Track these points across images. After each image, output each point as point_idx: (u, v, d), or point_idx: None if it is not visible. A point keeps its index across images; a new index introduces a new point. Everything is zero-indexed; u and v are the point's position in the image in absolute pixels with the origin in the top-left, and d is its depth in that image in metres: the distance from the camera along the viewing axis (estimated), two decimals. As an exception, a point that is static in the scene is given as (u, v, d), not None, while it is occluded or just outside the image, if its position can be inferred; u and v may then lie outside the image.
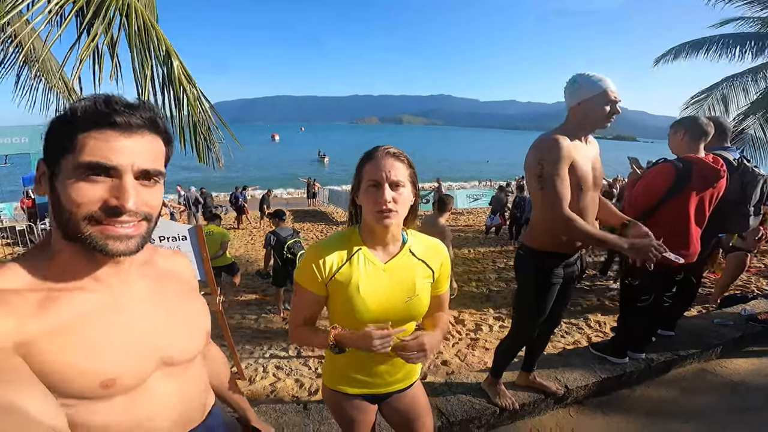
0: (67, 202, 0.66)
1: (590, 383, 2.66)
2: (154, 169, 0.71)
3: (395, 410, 1.46)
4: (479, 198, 18.32)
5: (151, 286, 0.86)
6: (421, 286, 1.29)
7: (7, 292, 0.66)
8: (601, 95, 1.84)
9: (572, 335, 4.46)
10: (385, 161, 1.17)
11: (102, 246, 0.68)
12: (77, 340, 0.69)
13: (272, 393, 3.56)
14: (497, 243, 10.82)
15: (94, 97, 0.68)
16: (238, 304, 6.41)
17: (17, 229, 11.12)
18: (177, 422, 0.86)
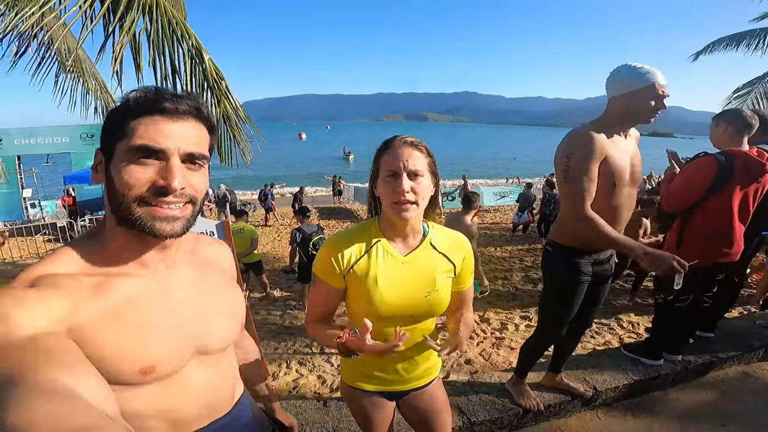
0: (119, 185, 0.70)
1: (621, 385, 2.54)
2: (199, 152, 0.74)
3: (413, 408, 1.42)
4: (506, 195, 17.99)
5: (194, 273, 0.88)
6: (442, 280, 1.24)
7: (63, 277, 0.69)
8: (648, 88, 1.74)
9: (603, 336, 4.30)
10: (403, 150, 1.13)
11: (150, 227, 0.71)
12: (125, 325, 0.72)
13: (294, 389, 3.58)
14: (525, 241, 10.59)
15: (145, 88, 0.73)
16: (264, 301, 6.51)
17: (58, 225, 11.67)
18: (206, 411, 0.87)
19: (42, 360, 0.53)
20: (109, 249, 0.76)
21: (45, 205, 15.59)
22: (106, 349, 0.68)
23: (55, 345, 0.58)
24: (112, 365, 0.68)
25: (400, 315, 1.23)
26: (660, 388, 2.69)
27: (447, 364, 3.82)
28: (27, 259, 9.84)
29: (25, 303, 0.61)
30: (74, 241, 0.77)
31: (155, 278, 0.79)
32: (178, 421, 0.82)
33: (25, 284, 0.66)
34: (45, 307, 0.63)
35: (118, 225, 0.74)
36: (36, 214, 14.78)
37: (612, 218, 1.92)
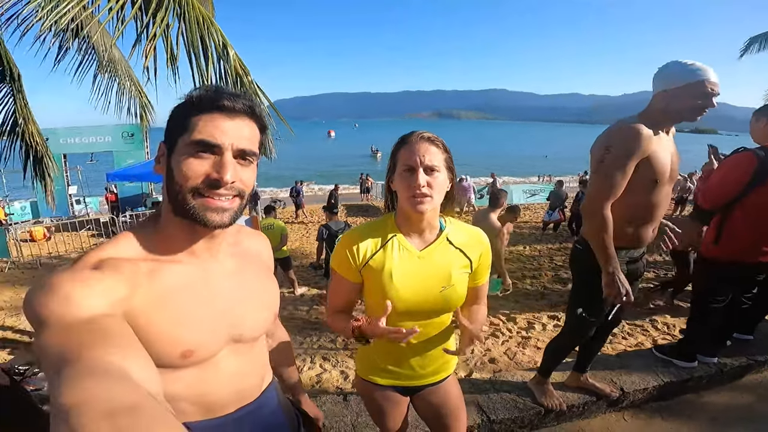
0: (178, 176, 0.74)
1: (650, 387, 2.45)
2: (250, 149, 0.78)
3: (427, 404, 1.42)
4: (536, 193, 17.61)
5: (235, 264, 0.91)
6: (458, 275, 1.23)
7: (123, 261, 0.73)
8: (695, 85, 1.67)
9: (635, 337, 4.15)
10: (420, 145, 1.13)
11: (202, 217, 0.75)
12: (171, 310, 0.75)
13: (317, 384, 3.63)
14: (555, 240, 10.34)
15: (206, 86, 0.78)
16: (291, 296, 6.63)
17: (101, 221, 12.28)
18: (235, 397, 0.90)
19: (97, 341, 0.56)
20: (163, 235, 0.81)
21: (89, 202, 16.41)
22: (152, 332, 0.71)
23: (111, 326, 0.61)
24: (157, 348, 0.71)
25: (415, 310, 1.22)
26: (692, 390, 2.57)
27: (471, 362, 3.79)
28: (72, 253, 10.36)
29: (86, 284, 0.65)
30: (134, 227, 0.82)
31: (201, 267, 0.83)
32: (210, 405, 0.85)
33: (88, 266, 0.69)
34: (104, 289, 0.66)
35: (173, 214, 0.78)
36: (81, 210, 15.59)
37: (649, 216, 1.87)
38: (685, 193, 13.08)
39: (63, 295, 0.61)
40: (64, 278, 0.64)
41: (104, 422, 0.38)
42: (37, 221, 14.08)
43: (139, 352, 0.59)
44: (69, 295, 0.61)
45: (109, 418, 0.39)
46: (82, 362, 0.50)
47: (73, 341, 0.55)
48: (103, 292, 0.66)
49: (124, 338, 0.60)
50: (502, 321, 4.96)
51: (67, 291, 0.62)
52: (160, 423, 0.41)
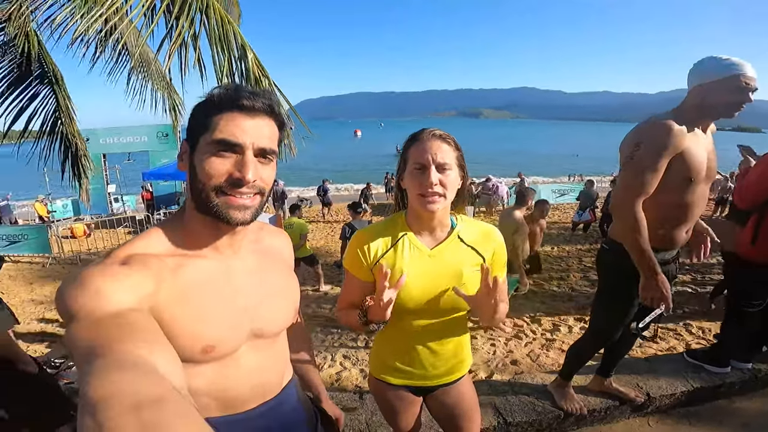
0: (201, 174, 0.76)
1: (678, 392, 2.34)
2: (270, 148, 0.79)
3: (441, 404, 1.40)
4: (566, 193, 17.13)
5: (257, 260, 0.92)
6: (470, 274, 1.21)
7: (150, 257, 0.75)
8: (730, 79, 1.60)
9: (667, 341, 3.98)
10: (431, 143, 1.12)
11: (225, 215, 0.77)
12: (194, 305, 0.77)
13: (337, 381, 3.65)
14: (585, 241, 10.04)
15: (226, 85, 0.79)
16: (314, 294, 6.70)
17: (137, 218, 12.81)
18: (255, 392, 0.90)
19: (126, 334, 0.57)
20: (187, 231, 0.82)
21: (127, 200, 17.12)
22: (175, 327, 0.73)
23: (139, 321, 0.62)
24: (179, 343, 0.72)
25: (426, 308, 1.21)
26: (724, 396, 2.44)
27: (492, 363, 3.73)
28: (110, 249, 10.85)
29: (115, 279, 0.66)
30: (162, 222, 0.84)
31: (224, 262, 0.85)
32: (230, 400, 0.86)
33: (117, 261, 0.71)
34: (132, 284, 0.68)
35: (197, 211, 0.80)
36: (119, 208, 16.28)
37: (683, 216, 1.78)
38: (725, 194, 12.45)
39: (93, 289, 0.63)
40: (95, 273, 0.66)
41: (129, 415, 0.39)
42: (77, 218, 14.80)
43: (165, 346, 0.60)
44: (99, 290, 0.63)
45: (134, 411, 0.40)
46: (111, 355, 0.51)
47: (103, 335, 0.56)
48: (131, 287, 0.67)
49: (151, 333, 0.61)
50: (526, 322, 4.86)
51: (97, 285, 0.64)
52: (184, 417, 0.41)
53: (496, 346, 4.14)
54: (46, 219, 14.12)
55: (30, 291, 7.73)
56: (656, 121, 1.71)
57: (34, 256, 10.34)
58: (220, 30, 2.93)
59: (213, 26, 2.88)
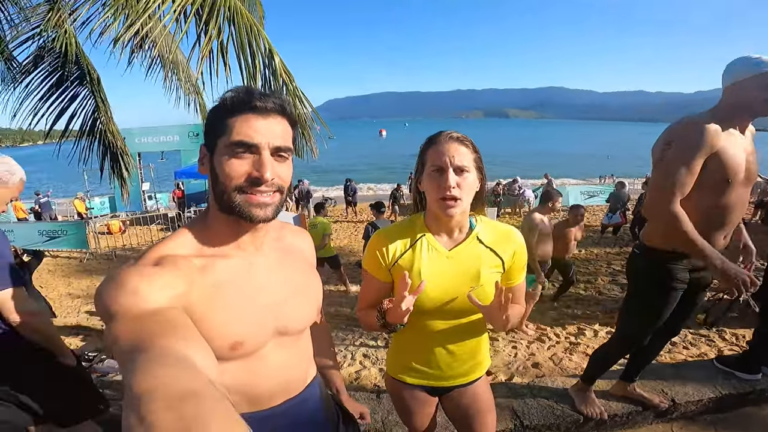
0: (221, 176, 0.78)
1: (705, 398, 2.26)
2: (285, 146, 0.82)
3: (456, 405, 1.40)
4: (595, 195, 16.65)
5: (279, 258, 0.94)
6: (488, 275, 1.21)
7: (179, 258, 0.78)
8: (762, 76, 1.56)
9: (699, 347, 3.82)
10: (449, 146, 1.12)
11: (247, 213, 0.79)
12: (221, 303, 0.80)
13: (356, 380, 3.66)
14: (615, 244, 9.73)
15: (237, 88, 0.81)
16: (337, 293, 6.77)
17: (169, 216, 13.27)
18: (280, 390, 0.93)
19: (165, 331, 0.60)
20: (212, 232, 0.85)
21: (160, 198, 17.73)
22: (205, 326, 0.75)
23: (175, 318, 0.65)
24: (209, 340, 0.72)
25: (443, 309, 1.21)
26: (753, 404, 2.34)
27: (513, 366, 3.67)
28: (143, 246, 11.24)
29: (151, 279, 0.70)
30: (188, 224, 0.87)
31: (247, 260, 0.87)
32: (256, 397, 0.88)
33: (150, 262, 0.75)
34: (166, 284, 0.71)
35: (220, 211, 0.82)
36: (152, 206, 16.88)
37: (721, 220, 1.71)
38: (766, 197, 11.84)
39: (131, 289, 0.66)
40: (131, 274, 0.69)
41: (170, 408, 0.41)
42: (113, 215, 15.45)
43: (200, 342, 0.62)
44: (136, 289, 0.66)
45: (174, 404, 0.42)
46: (153, 350, 0.53)
47: (144, 331, 0.59)
48: (165, 287, 0.70)
49: (188, 329, 0.64)
50: (550, 326, 4.76)
51: (134, 285, 0.67)
52: (220, 410, 0.43)
53: (518, 349, 4.07)
54: (84, 215, 14.80)
55: (67, 285, 8.05)
56: (689, 121, 1.68)
57: (72, 251, 10.81)
58: (247, 34, 3.01)
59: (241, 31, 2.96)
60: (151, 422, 0.40)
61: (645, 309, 1.93)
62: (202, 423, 0.40)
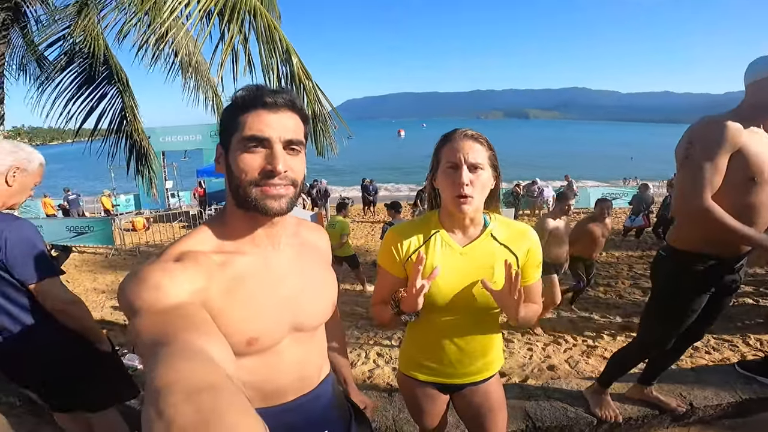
0: (236, 171, 0.80)
1: (725, 403, 2.20)
2: (296, 139, 0.83)
3: (467, 403, 1.40)
4: (617, 197, 16.27)
5: (295, 254, 0.95)
6: (501, 272, 1.20)
7: (199, 254, 0.80)
8: None
9: (721, 352, 3.71)
10: (464, 143, 1.14)
11: (263, 205, 0.80)
12: (238, 299, 0.81)
13: (369, 379, 3.68)
14: (637, 247, 9.51)
15: (248, 86, 0.84)
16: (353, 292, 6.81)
17: (191, 213, 13.56)
18: (295, 385, 0.94)
19: (187, 325, 0.61)
20: (229, 228, 0.87)
21: (182, 196, 18.10)
22: (223, 321, 0.76)
23: (195, 313, 0.67)
24: (227, 335, 0.73)
25: (456, 306, 1.22)
26: (775, 409, 2.26)
27: (528, 367, 3.63)
28: (166, 242, 11.51)
29: (172, 275, 0.72)
30: (207, 221, 0.90)
31: (264, 257, 0.88)
32: (270, 393, 0.90)
33: (171, 258, 0.77)
34: (186, 279, 0.73)
35: (237, 206, 0.84)
36: (175, 203, 17.25)
37: (747, 221, 1.64)
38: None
39: (153, 284, 0.68)
40: (153, 269, 0.72)
41: (188, 401, 0.42)
42: (138, 212, 15.86)
43: (219, 336, 0.63)
44: (158, 285, 0.69)
45: (193, 397, 0.43)
46: (175, 344, 0.55)
47: (165, 326, 0.61)
48: (185, 282, 0.72)
49: (206, 324, 0.65)
50: (567, 328, 4.70)
51: (156, 281, 0.69)
52: (237, 404, 0.44)
53: (533, 351, 4.03)
54: (110, 212, 15.26)
55: (93, 280, 8.26)
56: (710, 120, 1.65)
57: (98, 247, 11.11)
58: (267, 35, 3.06)
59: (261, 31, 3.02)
60: (170, 415, 0.41)
61: (669, 313, 1.89)
62: (219, 416, 0.41)
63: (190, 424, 0.40)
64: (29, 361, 1.56)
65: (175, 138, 15.93)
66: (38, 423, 2.08)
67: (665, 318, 1.91)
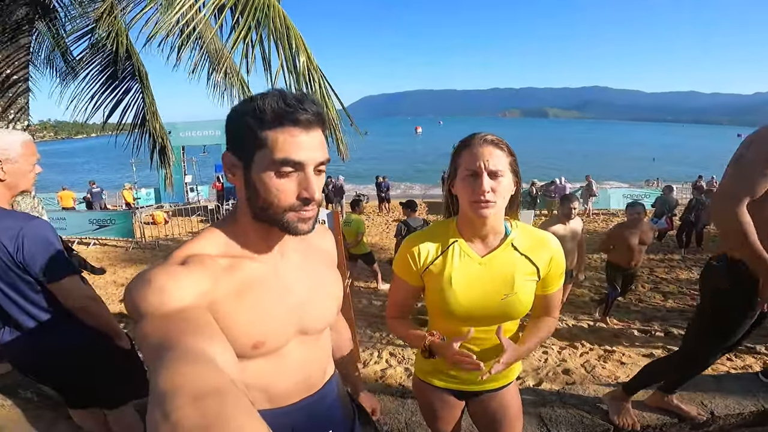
0: (266, 194, 0.77)
1: (747, 412, 2.13)
2: (324, 159, 0.80)
3: (483, 410, 1.38)
4: (639, 199, 15.92)
5: (302, 258, 0.95)
6: (522, 283, 1.18)
7: (205, 257, 0.79)
8: None
9: (743, 359, 3.62)
10: (484, 149, 1.09)
11: (294, 228, 0.80)
12: (245, 302, 0.81)
13: (381, 378, 3.67)
14: (659, 250, 9.27)
15: (272, 94, 0.76)
16: (367, 290, 6.81)
17: (209, 208, 13.76)
18: (300, 387, 0.94)
19: (190, 329, 0.61)
20: (240, 234, 0.85)
21: (201, 190, 18.41)
22: (229, 324, 0.76)
23: (199, 317, 0.67)
24: (232, 338, 0.74)
25: (475, 316, 1.20)
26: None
27: (542, 371, 3.59)
28: (185, 236, 11.72)
29: (177, 278, 0.71)
30: (216, 224, 0.88)
31: (272, 263, 0.88)
32: (275, 395, 0.90)
33: (177, 262, 0.76)
34: (192, 282, 0.72)
35: (254, 219, 0.82)
36: (194, 198, 17.55)
37: None
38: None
39: (158, 287, 0.68)
40: (158, 273, 0.71)
41: (193, 405, 0.43)
42: (159, 206, 16.18)
43: (222, 340, 0.63)
44: (163, 288, 0.68)
45: (198, 401, 0.43)
46: (178, 349, 0.55)
47: (171, 329, 0.61)
48: (191, 285, 0.72)
49: (210, 327, 0.66)
50: (584, 332, 4.61)
51: (161, 284, 0.69)
52: (241, 408, 0.44)
53: (549, 354, 3.97)
54: (131, 205, 15.59)
55: (113, 273, 8.37)
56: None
57: (119, 240, 11.37)
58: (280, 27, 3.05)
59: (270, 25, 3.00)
60: (176, 419, 0.41)
61: (720, 327, 1.81)
62: (224, 419, 0.41)
63: (195, 427, 0.40)
64: (48, 359, 1.57)
65: (194, 133, 16.21)
66: (55, 418, 2.10)
67: (715, 332, 1.83)
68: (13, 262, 1.39)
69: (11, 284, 1.44)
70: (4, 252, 1.37)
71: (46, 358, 1.57)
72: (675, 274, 7.26)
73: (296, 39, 3.16)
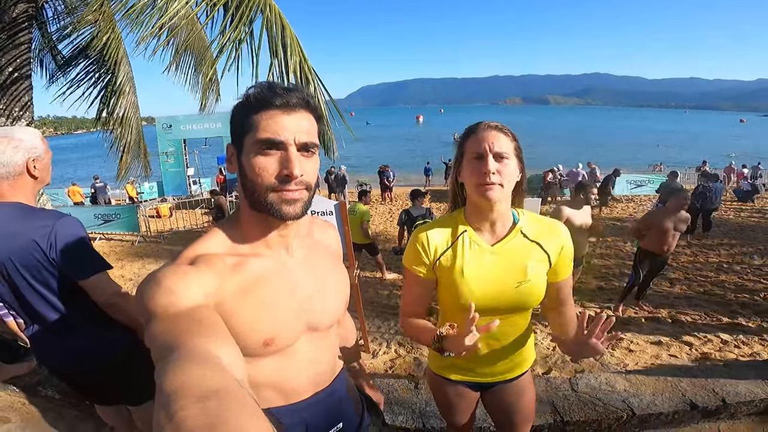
0: (251, 175, 0.79)
1: (758, 399, 2.15)
2: (311, 141, 0.81)
3: (499, 401, 1.39)
4: (643, 184, 15.80)
5: (308, 255, 0.96)
6: (534, 270, 1.17)
7: (213, 257, 0.80)
8: None
9: (751, 346, 3.62)
10: (488, 133, 1.11)
11: (278, 210, 0.79)
12: (254, 300, 0.82)
13: (391, 369, 3.67)
14: (664, 236, 9.24)
15: (260, 84, 0.81)
16: (374, 280, 6.81)
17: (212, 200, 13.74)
18: (310, 383, 0.95)
19: (196, 329, 0.62)
20: (243, 231, 0.86)
21: (203, 182, 18.40)
22: (238, 322, 0.78)
23: (206, 317, 0.68)
24: (242, 337, 0.77)
25: (488, 306, 1.18)
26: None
27: (551, 359, 3.59)
28: (189, 228, 11.73)
29: (186, 278, 0.73)
30: (221, 223, 0.89)
31: (277, 259, 0.88)
32: (287, 392, 0.91)
33: (186, 261, 0.78)
34: (200, 282, 0.74)
35: (250, 208, 0.83)
36: (197, 190, 17.55)
37: None
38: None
39: (167, 287, 0.70)
40: (167, 273, 0.73)
41: (197, 405, 0.43)
42: (162, 199, 16.19)
43: (228, 340, 0.64)
44: (172, 288, 0.70)
45: (201, 401, 0.44)
46: (184, 349, 0.56)
47: (178, 329, 0.62)
48: (199, 285, 0.73)
49: (217, 327, 0.66)
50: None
51: (170, 284, 0.70)
52: (245, 407, 0.45)
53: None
54: (135, 200, 15.60)
55: (120, 267, 8.32)
56: None
57: (125, 234, 11.35)
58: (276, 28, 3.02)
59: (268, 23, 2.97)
60: (179, 419, 0.41)
61: None
62: (227, 419, 0.42)
63: (199, 427, 0.40)
64: (76, 357, 1.56)
65: (196, 126, 16.13)
66: (77, 417, 2.11)
67: None
68: (46, 260, 1.39)
69: (44, 282, 1.43)
70: (38, 250, 1.37)
71: (74, 357, 1.57)
72: (681, 260, 7.24)
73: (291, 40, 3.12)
